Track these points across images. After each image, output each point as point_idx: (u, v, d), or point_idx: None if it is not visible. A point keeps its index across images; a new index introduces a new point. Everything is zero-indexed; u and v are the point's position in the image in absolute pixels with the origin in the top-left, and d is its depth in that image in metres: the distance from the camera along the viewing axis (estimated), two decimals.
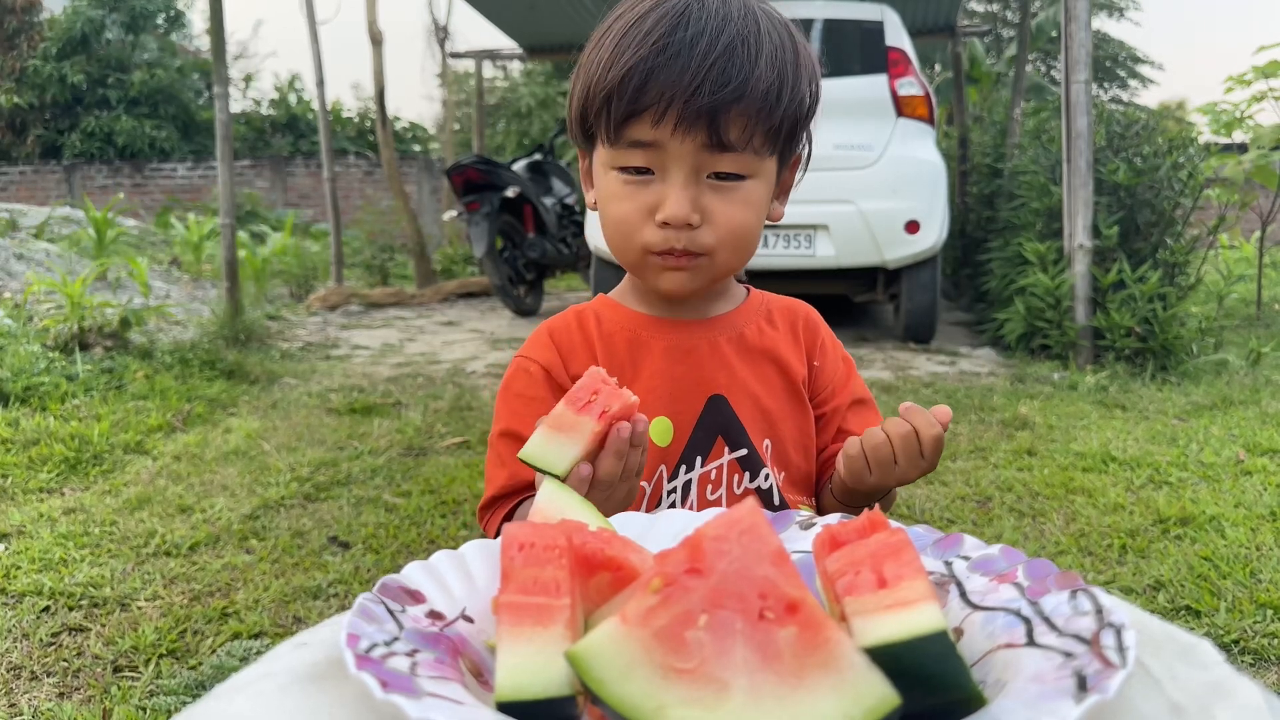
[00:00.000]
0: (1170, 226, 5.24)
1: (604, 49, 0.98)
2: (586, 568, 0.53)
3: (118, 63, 16.81)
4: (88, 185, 15.38)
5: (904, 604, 0.45)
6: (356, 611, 0.50)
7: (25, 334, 4.71)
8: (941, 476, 3.15)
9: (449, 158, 12.05)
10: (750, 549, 0.43)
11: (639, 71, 0.93)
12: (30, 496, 2.97)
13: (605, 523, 0.66)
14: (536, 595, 0.48)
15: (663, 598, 0.43)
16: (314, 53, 8.52)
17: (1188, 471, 3.13)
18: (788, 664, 0.42)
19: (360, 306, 8.07)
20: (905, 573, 0.46)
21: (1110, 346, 4.86)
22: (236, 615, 2.18)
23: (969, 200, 8.28)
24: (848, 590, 0.48)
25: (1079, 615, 0.49)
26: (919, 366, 5.15)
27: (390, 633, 0.50)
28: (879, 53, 5.70)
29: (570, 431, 0.79)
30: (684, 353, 1.09)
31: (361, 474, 3.23)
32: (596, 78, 0.97)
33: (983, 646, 0.51)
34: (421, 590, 0.56)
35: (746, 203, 0.99)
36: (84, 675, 1.92)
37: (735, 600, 0.43)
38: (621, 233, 1.02)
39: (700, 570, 0.43)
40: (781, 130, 0.99)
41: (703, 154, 0.95)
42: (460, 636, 0.53)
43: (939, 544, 0.61)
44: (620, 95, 0.95)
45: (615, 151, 0.99)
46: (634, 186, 0.99)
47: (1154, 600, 2.21)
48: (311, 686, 0.46)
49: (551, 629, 0.47)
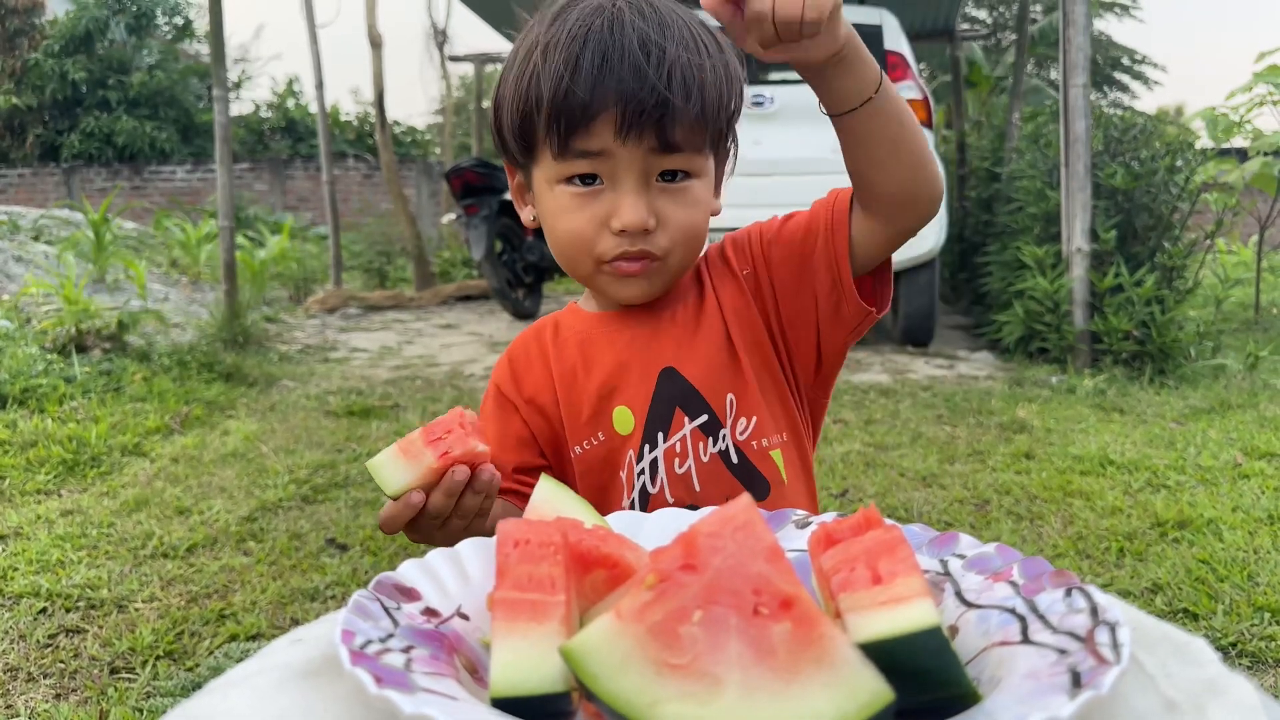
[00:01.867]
0: (1168, 230, 5.24)
1: (540, 60, 0.96)
2: (582, 565, 0.53)
3: (119, 64, 16.81)
4: (87, 187, 15.37)
5: (898, 600, 0.45)
6: (352, 608, 0.50)
7: (23, 336, 4.71)
8: (939, 479, 3.15)
9: (448, 161, 12.06)
10: (745, 545, 0.43)
11: (584, 81, 0.92)
12: (28, 498, 2.97)
13: (601, 520, 0.66)
14: (532, 591, 0.48)
15: (657, 593, 0.43)
16: (313, 55, 8.54)
17: (1185, 475, 3.13)
18: (782, 660, 0.42)
19: (359, 309, 8.07)
20: (899, 569, 0.47)
21: (1108, 350, 4.87)
22: (234, 617, 2.17)
23: (967, 204, 8.30)
24: (842, 587, 0.48)
25: (1074, 613, 0.49)
26: (917, 370, 5.16)
27: (385, 629, 0.50)
28: (877, 56, 5.66)
29: (413, 459, 0.85)
30: (629, 339, 1.09)
31: (359, 476, 3.23)
32: (537, 91, 0.95)
33: (978, 644, 0.51)
34: (417, 587, 0.56)
35: (695, 203, 1.00)
36: (81, 676, 1.92)
37: (729, 596, 0.43)
38: (575, 246, 1.01)
39: (695, 566, 0.43)
40: (723, 127, 1.00)
41: (651, 157, 0.96)
42: (455, 633, 0.53)
43: (934, 542, 0.61)
44: (567, 106, 0.93)
45: (562, 164, 0.98)
46: (584, 198, 0.98)
47: (1152, 603, 2.21)
48: (306, 682, 0.46)
49: (546, 625, 0.47)
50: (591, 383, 1.09)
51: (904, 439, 3.66)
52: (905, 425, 3.87)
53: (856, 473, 3.24)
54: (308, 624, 0.55)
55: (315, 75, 8.66)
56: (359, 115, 18.20)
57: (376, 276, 9.63)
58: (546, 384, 1.12)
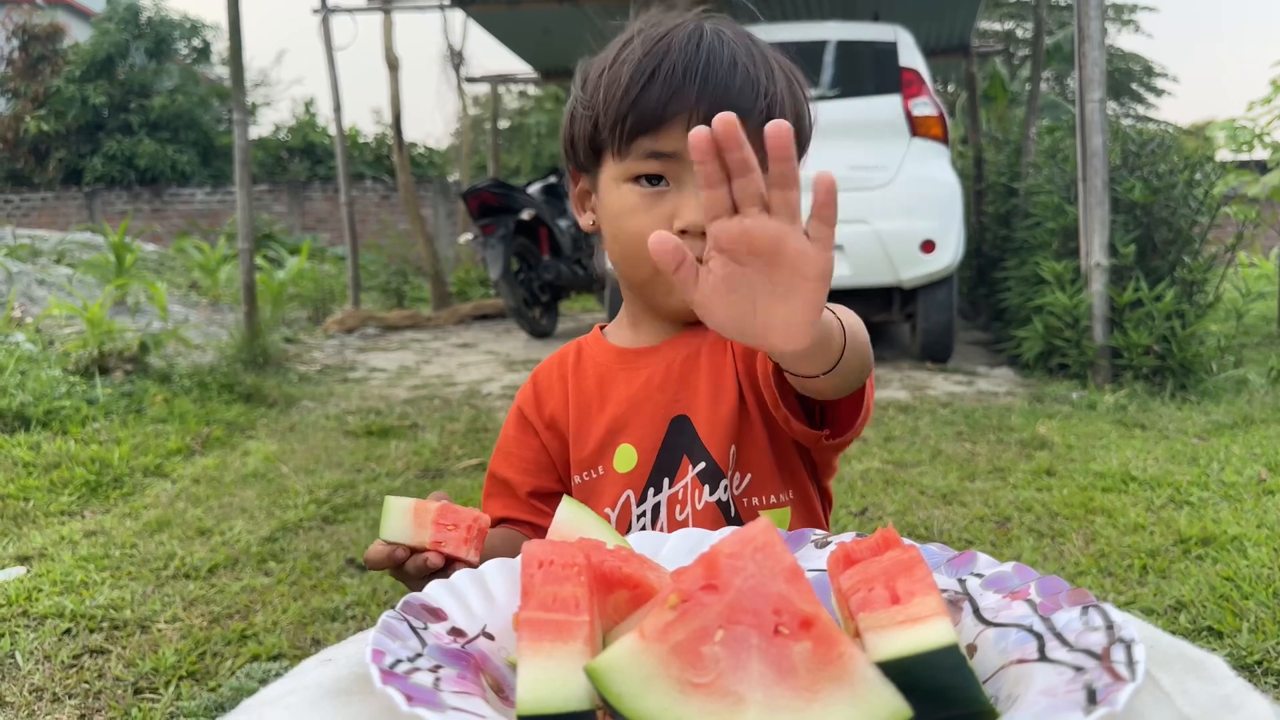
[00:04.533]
0: (1188, 244, 5.22)
1: (623, 68, 1.00)
2: (605, 585, 0.54)
3: (140, 87, 17.06)
4: (108, 210, 15.56)
5: (916, 619, 0.46)
6: (381, 628, 0.51)
7: (46, 358, 4.77)
8: (960, 497, 3.14)
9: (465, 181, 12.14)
10: (765, 566, 0.44)
11: (664, 83, 0.96)
12: (51, 519, 3.00)
13: (622, 541, 0.67)
14: (556, 611, 0.49)
15: (680, 613, 0.44)
16: (331, 78, 8.63)
17: (1209, 491, 3.10)
18: (802, 678, 0.43)
19: (377, 329, 8.12)
20: (917, 589, 0.47)
21: (1129, 365, 4.84)
22: (255, 637, 2.19)
23: (984, 219, 8.28)
24: (861, 606, 0.49)
25: (1090, 630, 0.50)
26: (936, 386, 5.14)
27: (413, 649, 0.51)
28: (893, 73, 5.72)
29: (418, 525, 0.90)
30: (645, 379, 1.11)
31: (378, 496, 3.24)
32: (617, 94, 0.99)
33: (995, 662, 0.51)
34: (443, 608, 0.57)
35: None
36: (105, 697, 1.94)
37: (750, 616, 0.44)
38: (638, 244, 1.01)
39: (716, 586, 0.44)
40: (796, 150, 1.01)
41: None
42: (481, 653, 0.54)
43: (952, 562, 0.61)
44: (645, 106, 0.97)
45: (629, 163, 1.00)
46: (651, 198, 1.00)
47: (1175, 621, 2.19)
48: (338, 700, 0.48)
49: (571, 644, 0.48)
50: (603, 417, 1.10)
51: (924, 456, 3.65)
52: (925, 442, 3.86)
53: (876, 490, 3.23)
54: (337, 644, 0.56)
55: (333, 98, 8.75)
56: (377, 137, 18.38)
57: (394, 296, 9.70)
58: (565, 409, 1.14)
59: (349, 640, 0.56)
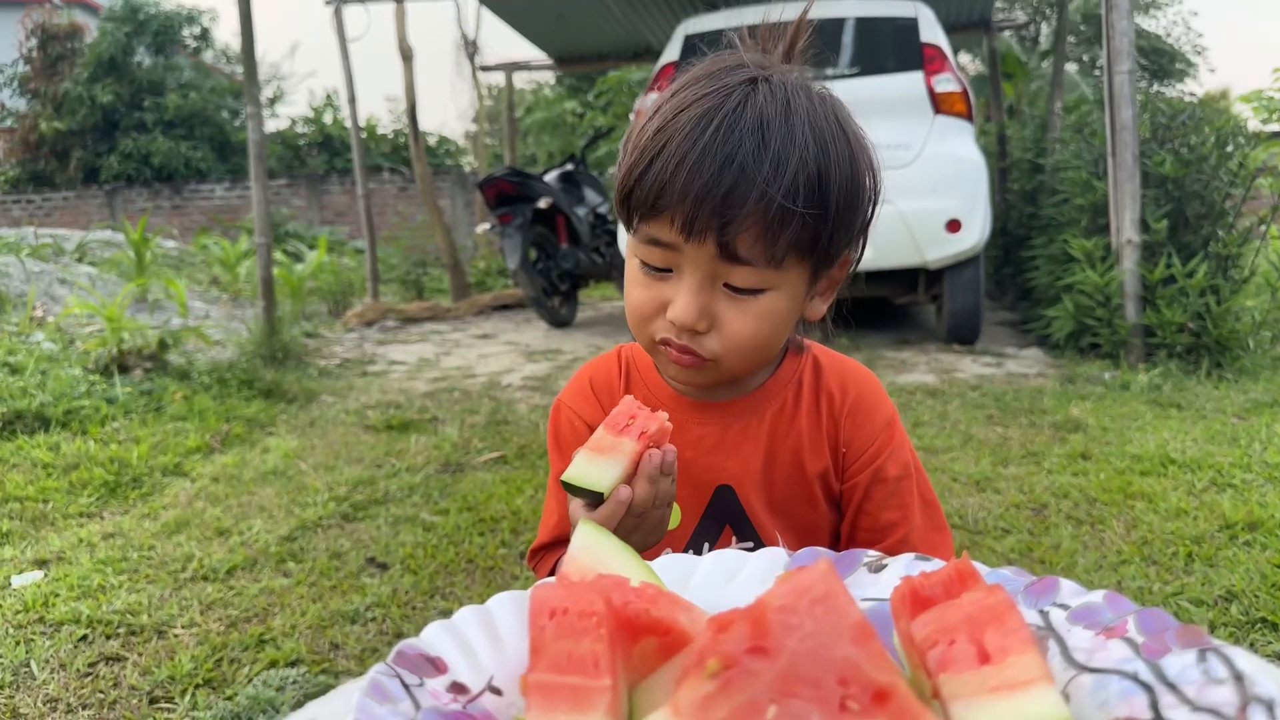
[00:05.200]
0: (1221, 218, 5.07)
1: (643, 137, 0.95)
2: (630, 631, 0.46)
3: (151, 85, 17.07)
4: (128, 208, 15.62)
5: (1014, 685, 0.38)
6: (367, 689, 0.44)
7: (66, 358, 4.75)
8: (994, 484, 3.04)
9: (482, 171, 12.07)
10: (826, 623, 0.36)
11: (659, 172, 0.90)
12: (70, 521, 2.96)
13: (648, 572, 0.59)
14: (571, 674, 0.41)
15: (721, 684, 0.36)
16: (345, 69, 8.56)
17: (1252, 473, 2.99)
18: None
19: (396, 322, 8.07)
20: (1011, 644, 0.39)
21: (1162, 344, 4.71)
22: (273, 642, 2.13)
23: (1010, 197, 8.12)
24: (942, 665, 0.40)
25: (1213, 684, 0.41)
26: (964, 369, 5.03)
27: (405, 714, 0.43)
28: (914, 49, 5.59)
29: (610, 453, 0.82)
30: (696, 438, 1.07)
31: (399, 492, 3.19)
32: (628, 167, 0.95)
33: (1094, 718, 0.43)
34: (443, 657, 0.49)
35: (761, 315, 0.94)
36: (120, 707, 1.88)
37: (810, 687, 0.35)
38: (635, 318, 1.00)
39: (766, 649, 0.36)
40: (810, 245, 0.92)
41: (717, 263, 0.91)
42: (486, 714, 0.46)
43: (1031, 589, 0.53)
44: (641, 192, 0.92)
45: (638, 244, 0.97)
46: (651, 278, 0.96)
47: (1227, 612, 2.09)
48: None
49: (589, 715, 0.40)
50: None
51: (954, 441, 3.56)
52: (955, 427, 3.76)
53: None
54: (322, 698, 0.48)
55: (347, 89, 8.69)
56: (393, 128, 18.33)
57: (413, 288, 9.65)
58: None
59: (337, 692, 0.48)
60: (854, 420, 1.09)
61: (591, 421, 1.11)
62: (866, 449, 1.09)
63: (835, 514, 1.11)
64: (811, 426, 1.08)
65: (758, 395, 1.08)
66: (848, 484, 1.10)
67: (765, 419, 1.07)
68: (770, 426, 1.07)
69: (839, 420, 1.09)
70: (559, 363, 5.73)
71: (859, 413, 1.10)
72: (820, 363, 1.13)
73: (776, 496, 1.07)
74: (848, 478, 1.10)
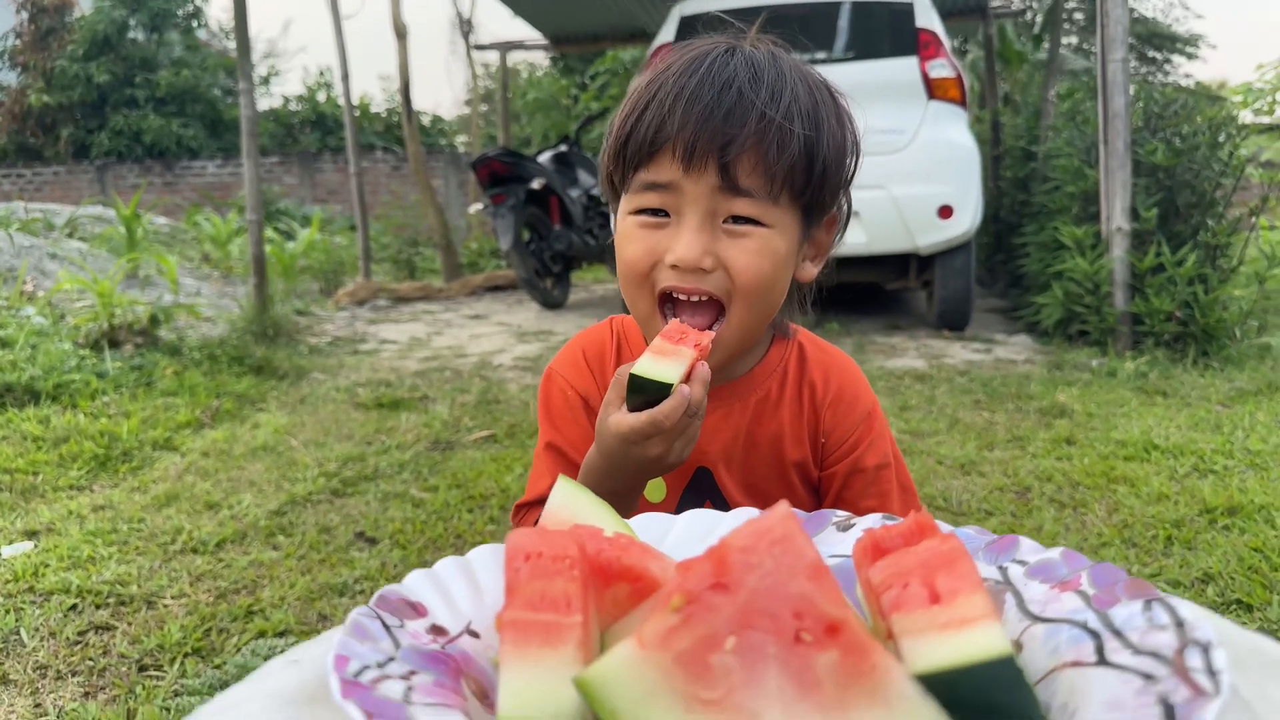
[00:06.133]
0: (1211, 208, 5.09)
1: (633, 95, 0.98)
2: (602, 578, 0.48)
3: (143, 62, 16.94)
4: (119, 184, 15.52)
5: (962, 623, 0.40)
6: (349, 629, 0.45)
7: (57, 332, 4.74)
8: (979, 467, 3.07)
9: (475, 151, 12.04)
10: (783, 562, 0.38)
11: (655, 113, 0.93)
12: (60, 494, 2.98)
13: (623, 525, 0.61)
14: (544, 612, 0.43)
15: (684, 617, 0.38)
16: (338, 46, 8.52)
17: (1234, 459, 3.03)
18: (828, 694, 0.36)
19: (388, 301, 8.07)
20: (961, 586, 0.41)
21: (1150, 332, 4.74)
22: (262, 613, 2.15)
23: (1002, 184, 8.14)
24: (895, 606, 0.42)
25: (1156, 629, 0.43)
26: (953, 354, 5.06)
27: (385, 652, 0.45)
28: (909, 34, 5.59)
29: (672, 356, 0.88)
30: None
31: (389, 469, 3.20)
32: (619, 124, 0.97)
33: (1045, 664, 0.45)
34: (423, 602, 0.51)
35: (763, 252, 0.94)
36: (109, 674, 1.90)
37: (767, 620, 0.37)
38: (631, 278, 0.99)
39: (727, 586, 0.38)
40: (805, 180, 0.94)
41: (717, 196, 0.92)
42: (464, 654, 0.48)
43: (992, 547, 0.55)
44: (639, 134, 0.94)
45: (632, 196, 0.97)
46: (647, 230, 0.96)
47: (1203, 594, 2.13)
48: (300, 710, 0.42)
49: (561, 650, 0.42)
50: None
51: (941, 425, 3.59)
52: (942, 411, 3.79)
53: None
54: (307, 642, 0.50)
55: (340, 66, 8.64)
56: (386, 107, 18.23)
57: (405, 268, 9.63)
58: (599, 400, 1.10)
59: (319, 638, 0.50)
60: (835, 411, 1.11)
61: (583, 391, 1.12)
62: (845, 439, 1.11)
63: (813, 499, 1.13)
64: (793, 416, 1.10)
65: (743, 382, 1.10)
66: (826, 472, 1.12)
67: (750, 405, 1.09)
68: (754, 413, 1.09)
69: (820, 410, 1.11)
70: (551, 343, 5.74)
71: (840, 404, 1.12)
72: (805, 351, 1.14)
73: (754, 480, 1.10)
74: (826, 466, 1.12)
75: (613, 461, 0.91)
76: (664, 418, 0.86)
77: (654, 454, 0.88)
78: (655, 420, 0.86)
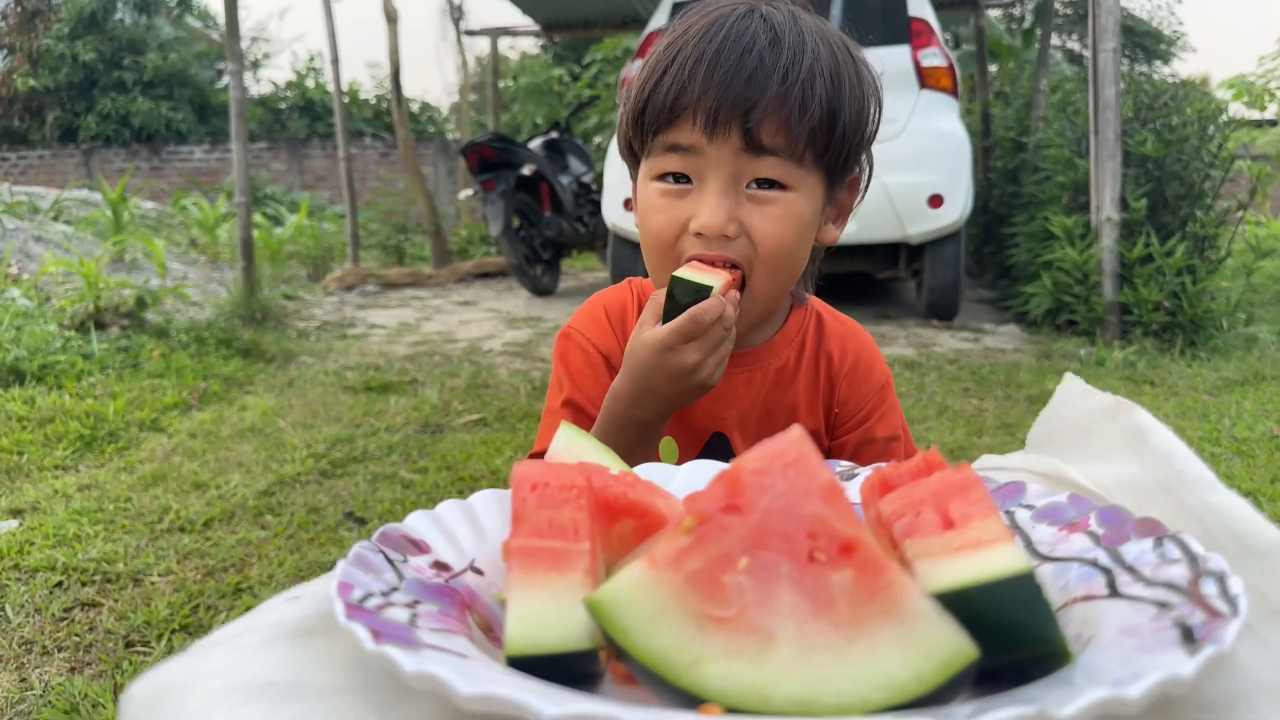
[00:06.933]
0: (1200, 199, 5.12)
1: (652, 58, 0.97)
2: (608, 513, 0.47)
3: (131, 44, 16.80)
4: (106, 168, 15.40)
5: (977, 545, 0.39)
6: (351, 560, 0.45)
7: (42, 314, 4.70)
8: (968, 453, 3.08)
9: (465, 137, 11.99)
10: (797, 483, 0.37)
11: (675, 77, 0.92)
12: (45, 473, 2.95)
13: (626, 469, 0.60)
14: (552, 539, 0.42)
15: (696, 538, 0.37)
16: (328, 30, 8.47)
17: (1220, 447, 3.05)
18: (843, 612, 0.36)
19: (376, 287, 8.04)
20: (975, 511, 0.40)
21: (1138, 321, 4.76)
22: (250, 590, 2.14)
23: (992, 175, 8.15)
24: (908, 532, 0.41)
25: (1167, 563, 0.43)
26: (942, 343, 5.07)
27: (389, 583, 0.44)
28: (901, 23, 5.58)
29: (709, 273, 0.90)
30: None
31: (378, 451, 3.19)
32: (637, 89, 0.96)
33: (1056, 600, 0.45)
34: (426, 540, 0.50)
35: (786, 217, 0.94)
36: (95, 650, 1.89)
37: (780, 540, 0.37)
38: (657, 248, 0.98)
39: (739, 507, 0.37)
40: (827, 140, 0.93)
41: (741, 158, 0.92)
42: (468, 589, 0.48)
43: (998, 492, 0.55)
44: (659, 99, 0.93)
45: (654, 160, 0.96)
46: (670, 198, 0.96)
47: None
48: (298, 642, 0.41)
49: (569, 576, 0.41)
50: None
51: (930, 412, 3.59)
52: (931, 399, 3.80)
53: None
54: (307, 581, 0.49)
55: (330, 51, 8.59)
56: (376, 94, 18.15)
57: (394, 254, 9.59)
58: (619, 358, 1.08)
59: (321, 577, 0.49)
60: (850, 381, 1.11)
61: (605, 349, 1.11)
62: (858, 410, 1.11)
63: None
64: (809, 385, 1.10)
65: (764, 349, 1.09)
66: (836, 442, 1.12)
67: (769, 374, 1.08)
68: (772, 382, 1.08)
69: (836, 381, 1.11)
70: (540, 330, 5.73)
71: (856, 374, 1.12)
72: (823, 320, 1.14)
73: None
74: (837, 435, 1.12)
75: (643, 382, 0.91)
76: (703, 313, 0.86)
77: (690, 361, 0.88)
78: (695, 316, 0.86)
